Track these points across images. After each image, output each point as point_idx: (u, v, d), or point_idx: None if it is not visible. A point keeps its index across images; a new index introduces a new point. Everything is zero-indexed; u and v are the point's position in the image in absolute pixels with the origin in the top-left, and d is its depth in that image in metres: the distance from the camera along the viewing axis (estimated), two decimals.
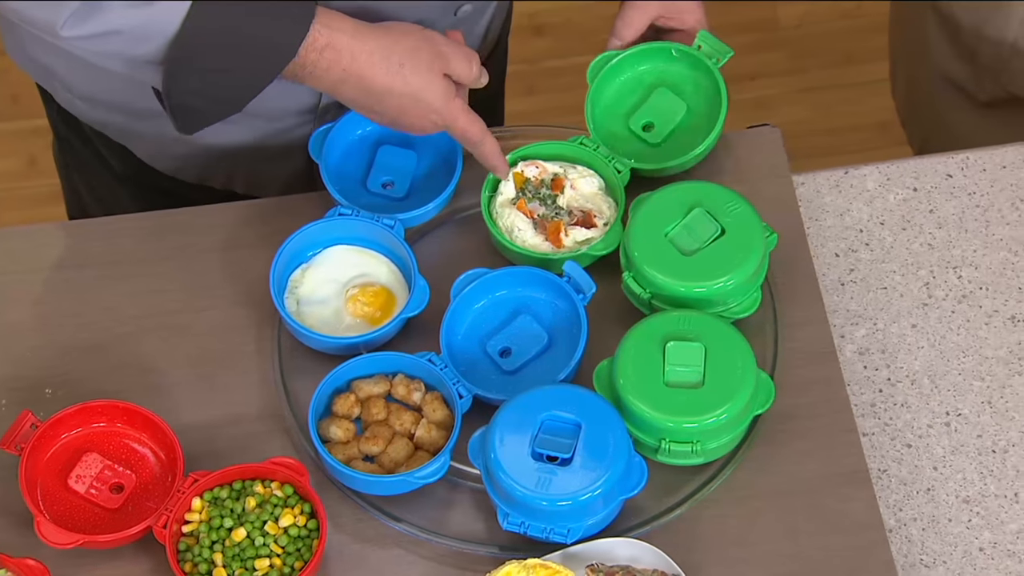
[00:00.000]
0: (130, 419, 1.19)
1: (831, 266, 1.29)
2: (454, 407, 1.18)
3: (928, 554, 1.18)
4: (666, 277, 1.18)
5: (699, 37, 1.29)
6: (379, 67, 1.15)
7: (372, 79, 1.16)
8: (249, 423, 1.21)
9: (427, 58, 1.17)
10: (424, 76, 1.17)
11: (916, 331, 1.27)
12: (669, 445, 1.15)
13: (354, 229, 1.25)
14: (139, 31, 1.11)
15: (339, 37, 1.14)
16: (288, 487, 1.16)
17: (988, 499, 1.20)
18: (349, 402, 1.20)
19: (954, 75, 1.50)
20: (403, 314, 1.22)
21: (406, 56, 1.16)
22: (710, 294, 1.19)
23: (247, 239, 1.28)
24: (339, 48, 1.14)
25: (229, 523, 1.15)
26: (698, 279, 1.18)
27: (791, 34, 2.19)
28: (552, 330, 1.22)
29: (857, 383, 1.24)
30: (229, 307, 1.25)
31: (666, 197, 1.21)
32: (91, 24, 1.10)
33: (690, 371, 1.15)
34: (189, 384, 1.23)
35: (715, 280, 1.18)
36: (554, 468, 1.13)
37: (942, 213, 1.32)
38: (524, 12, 2.25)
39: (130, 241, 1.28)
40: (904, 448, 1.22)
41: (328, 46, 1.14)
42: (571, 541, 1.13)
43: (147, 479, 1.19)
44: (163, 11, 1.10)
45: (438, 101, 1.18)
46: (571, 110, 1.34)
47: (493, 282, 1.23)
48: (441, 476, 1.16)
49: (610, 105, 1.31)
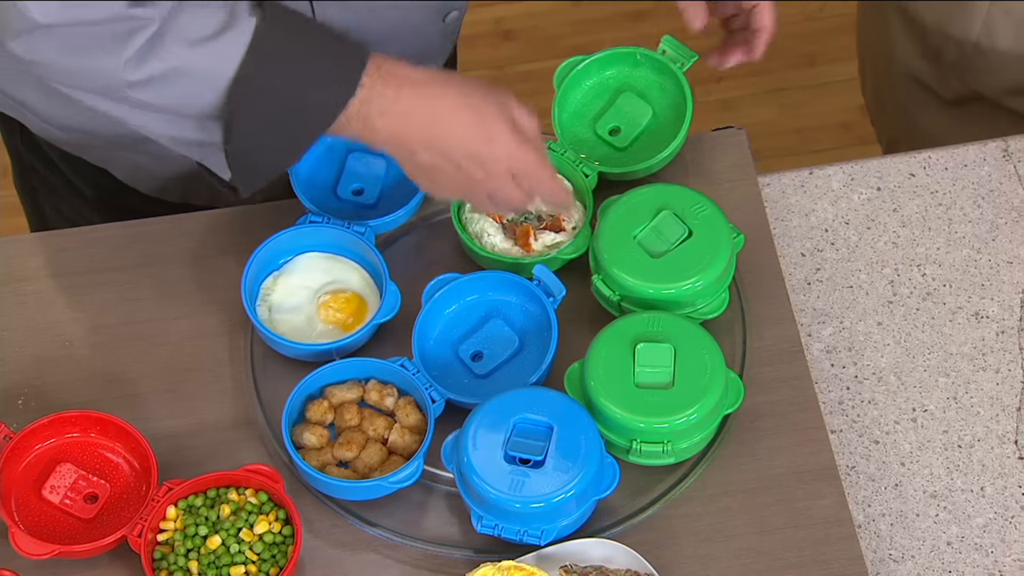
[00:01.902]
0: (103, 429, 1.19)
1: (797, 266, 1.30)
2: (427, 411, 1.19)
3: (897, 549, 1.19)
4: (635, 279, 1.19)
5: (664, 42, 1.30)
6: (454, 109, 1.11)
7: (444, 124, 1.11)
8: (223, 431, 1.22)
9: (496, 104, 1.13)
10: (497, 117, 1.12)
11: (882, 329, 1.28)
12: (640, 446, 1.16)
13: (325, 236, 1.26)
14: (200, 72, 1.08)
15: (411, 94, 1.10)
16: (263, 494, 1.17)
17: (955, 494, 1.21)
18: (322, 408, 1.20)
19: (920, 74, 1.51)
20: (375, 320, 1.22)
21: (478, 97, 1.12)
22: (679, 295, 1.20)
23: (218, 247, 1.28)
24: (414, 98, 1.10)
25: (204, 531, 1.15)
26: (666, 281, 1.19)
27: None
28: (523, 333, 1.23)
29: (825, 381, 1.26)
30: (201, 315, 1.26)
31: (634, 200, 1.22)
32: (155, 63, 1.06)
33: (660, 372, 1.16)
34: (162, 393, 1.23)
35: (683, 281, 1.19)
36: (527, 471, 1.13)
37: (906, 212, 1.33)
38: (491, 17, 2.26)
39: (101, 251, 1.28)
40: (872, 444, 1.23)
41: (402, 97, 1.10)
42: (545, 543, 1.14)
43: (121, 488, 1.19)
44: (221, 49, 1.07)
45: (512, 143, 1.12)
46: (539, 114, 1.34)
47: (464, 287, 1.23)
48: (415, 480, 1.16)
49: (577, 110, 1.31)
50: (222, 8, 1.09)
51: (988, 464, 1.22)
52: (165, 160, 1.34)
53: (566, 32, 2.26)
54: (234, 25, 1.08)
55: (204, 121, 1.11)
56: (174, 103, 1.10)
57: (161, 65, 1.07)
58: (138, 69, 1.07)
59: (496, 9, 2.26)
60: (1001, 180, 1.34)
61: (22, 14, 1.04)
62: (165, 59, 1.07)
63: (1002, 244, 1.31)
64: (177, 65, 1.07)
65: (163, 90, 1.09)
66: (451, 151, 1.12)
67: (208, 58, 1.08)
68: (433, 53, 1.32)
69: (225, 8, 1.09)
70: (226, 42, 1.08)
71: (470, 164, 1.13)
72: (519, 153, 1.13)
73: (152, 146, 1.17)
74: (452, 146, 1.12)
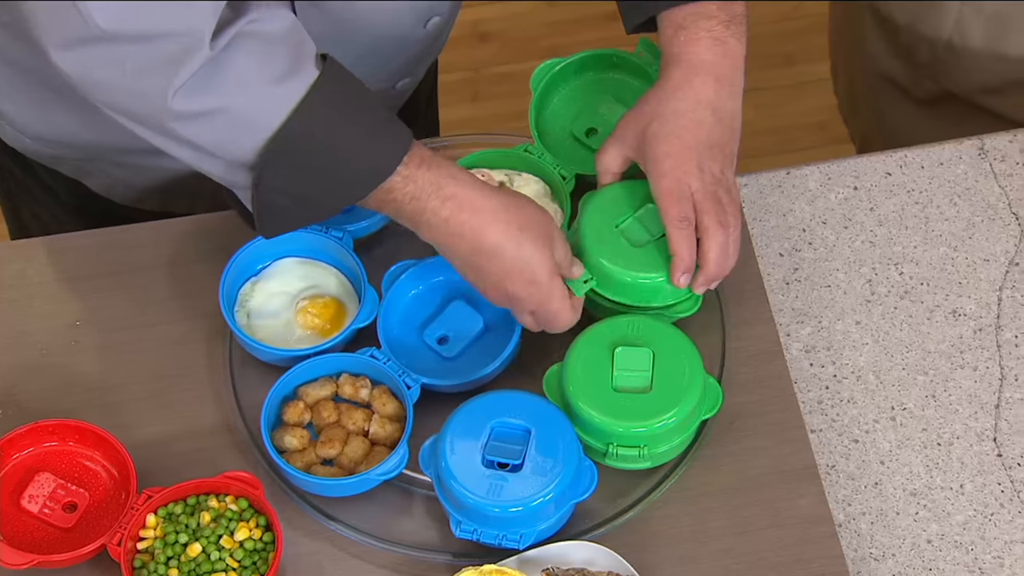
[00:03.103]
0: (82, 437, 1.19)
1: (776, 266, 1.31)
2: (403, 398, 1.18)
3: (877, 547, 1.20)
4: (613, 265, 1.19)
5: (640, 44, 1.30)
6: (498, 226, 1.10)
7: (487, 235, 1.10)
8: (202, 438, 1.21)
9: (543, 231, 1.12)
10: (538, 245, 1.11)
11: (860, 328, 1.28)
12: (617, 450, 1.16)
13: (303, 241, 1.25)
14: (248, 113, 1.03)
15: (461, 190, 1.09)
16: (243, 501, 1.16)
17: (935, 491, 1.21)
18: (298, 409, 1.20)
19: (892, 73, 1.51)
20: (353, 325, 1.22)
21: (525, 222, 1.12)
22: (654, 285, 1.19)
23: (195, 254, 1.28)
24: (460, 199, 1.09)
25: (184, 538, 1.14)
26: (645, 269, 1.19)
27: None
28: (488, 313, 1.22)
29: (804, 380, 1.26)
30: (179, 322, 1.25)
31: (619, 192, 1.22)
32: (204, 97, 1.01)
33: (638, 376, 1.16)
34: (140, 400, 1.22)
35: (660, 272, 1.19)
36: (505, 475, 1.13)
37: (882, 211, 1.33)
38: (468, 19, 2.25)
39: (77, 258, 1.28)
40: (851, 443, 1.24)
41: (452, 197, 1.09)
42: (524, 547, 1.14)
43: (100, 497, 1.18)
44: (277, 96, 1.04)
45: (544, 274, 1.12)
46: (516, 116, 1.34)
47: (423, 271, 1.23)
48: (403, 468, 1.16)
49: (554, 112, 1.31)
50: (287, 51, 1.03)
51: (967, 462, 1.22)
52: (143, 172, 1.33)
53: (543, 33, 2.26)
54: (296, 74, 1.03)
55: (235, 168, 1.07)
56: (210, 142, 1.05)
57: (210, 101, 1.02)
58: (187, 101, 1.02)
59: (472, 11, 2.26)
60: (977, 178, 1.34)
61: (82, 18, 0.97)
62: (217, 95, 1.02)
63: (978, 242, 1.31)
64: (226, 104, 1.02)
65: (208, 126, 1.04)
66: (484, 278, 1.13)
67: (259, 103, 1.03)
68: (415, 62, 1.32)
69: (290, 53, 1.04)
70: (282, 90, 1.03)
71: (499, 296, 1.14)
72: (547, 303, 1.14)
73: (131, 158, 1.16)
74: (486, 280, 1.13)
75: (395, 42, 1.25)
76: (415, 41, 1.26)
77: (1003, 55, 1.42)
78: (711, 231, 1.15)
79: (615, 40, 1.29)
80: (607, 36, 2.22)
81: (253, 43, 1.03)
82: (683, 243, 1.15)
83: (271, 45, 1.04)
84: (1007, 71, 1.43)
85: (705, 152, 1.14)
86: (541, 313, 1.15)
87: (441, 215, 1.10)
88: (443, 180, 1.10)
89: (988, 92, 1.46)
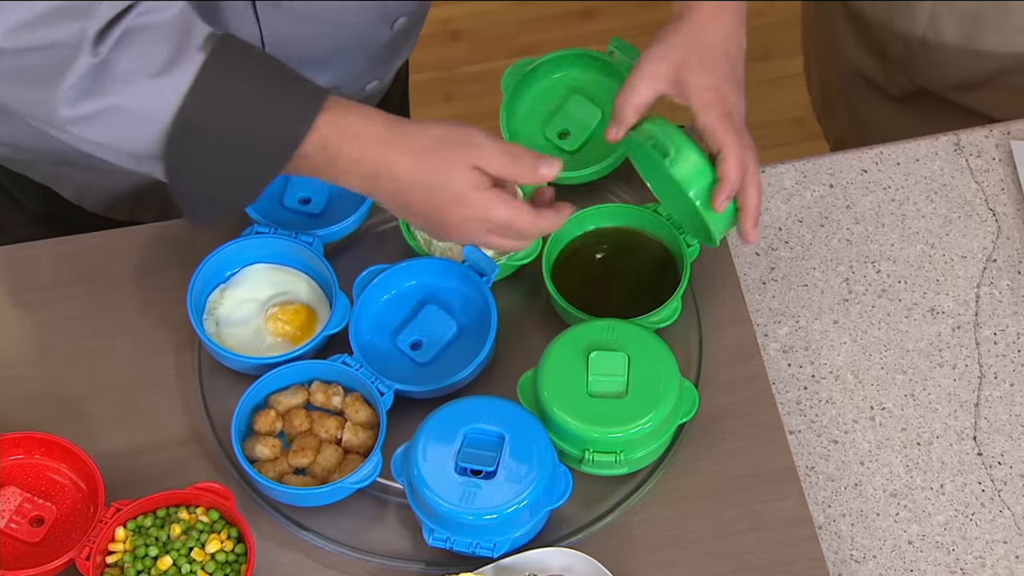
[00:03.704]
0: (48, 450, 1.17)
1: (752, 265, 1.30)
2: (376, 405, 1.17)
3: (858, 549, 1.19)
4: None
5: (612, 43, 1.29)
6: (405, 155, 1.06)
7: (398, 167, 1.06)
8: (172, 449, 1.20)
9: (457, 141, 1.07)
10: (452, 161, 1.06)
11: (838, 327, 1.27)
12: (593, 455, 1.15)
13: (272, 247, 1.24)
14: (140, 108, 1.03)
15: (366, 126, 1.06)
16: (214, 512, 1.15)
17: (915, 492, 1.21)
18: (269, 418, 1.18)
19: (865, 70, 1.51)
20: (325, 331, 1.21)
21: (436, 142, 1.07)
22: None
23: (162, 261, 1.26)
24: (365, 136, 1.06)
25: (154, 552, 1.13)
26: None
27: None
28: (461, 317, 1.21)
29: (782, 381, 1.25)
30: (146, 331, 1.24)
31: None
32: (93, 100, 1.02)
33: (613, 381, 1.15)
34: (108, 411, 1.21)
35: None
36: (478, 482, 1.12)
37: (859, 208, 1.32)
38: (438, 18, 2.24)
39: (40, 268, 1.26)
40: (831, 444, 1.23)
41: (357, 136, 1.06)
42: (498, 555, 1.13)
43: (68, 511, 1.17)
44: (161, 88, 1.03)
45: (465, 186, 1.07)
46: (490, 116, 1.33)
47: (394, 276, 1.22)
48: (376, 476, 1.15)
49: (526, 114, 1.30)
50: (171, 40, 1.03)
51: (947, 461, 1.22)
52: (113, 177, 1.31)
53: (514, 31, 2.25)
54: (180, 62, 1.03)
55: (144, 160, 1.07)
56: (111, 140, 1.06)
57: (99, 103, 1.03)
58: (75, 106, 1.03)
59: (443, 9, 2.25)
60: (953, 174, 1.34)
61: None
62: (104, 95, 1.02)
63: (956, 238, 1.31)
64: (116, 103, 1.03)
65: (102, 126, 1.04)
66: (418, 215, 1.09)
67: (147, 97, 1.03)
68: (383, 65, 1.30)
69: (173, 41, 1.03)
70: (168, 80, 1.03)
71: (447, 230, 1.10)
72: (490, 215, 1.09)
73: (98, 162, 1.15)
74: (415, 210, 1.09)
75: (360, 43, 1.23)
76: (382, 43, 1.24)
77: (977, 51, 1.42)
78: (752, 163, 1.15)
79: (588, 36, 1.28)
80: (579, 33, 2.21)
81: (139, 37, 1.03)
82: (737, 167, 1.13)
83: (155, 36, 1.04)
84: (981, 67, 1.43)
85: (735, 85, 1.16)
86: (496, 228, 1.10)
87: (352, 157, 1.07)
88: (349, 121, 1.07)
89: (962, 88, 1.46)
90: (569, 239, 1.24)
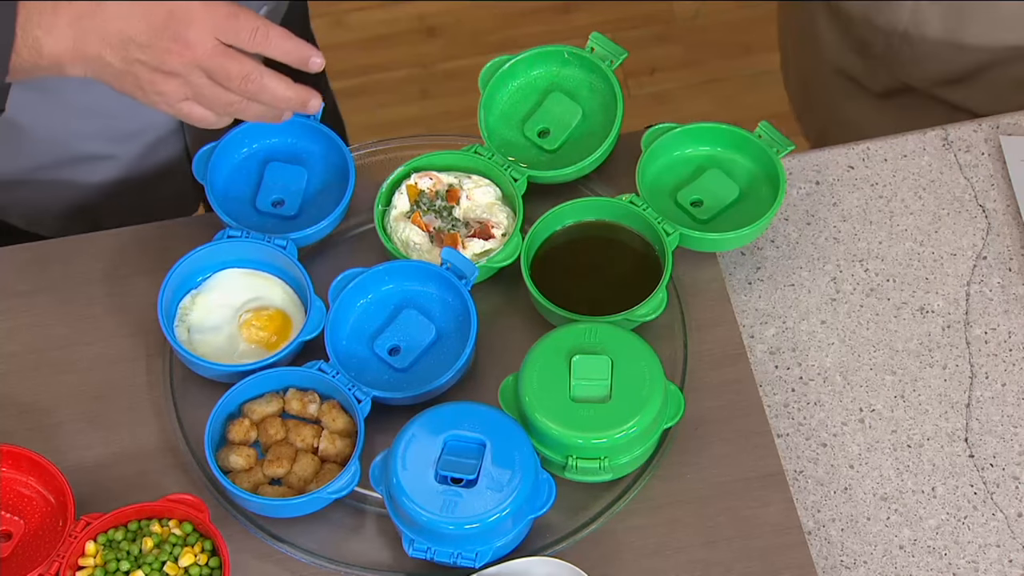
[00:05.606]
0: (15, 462, 1.14)
1: (738, 265, 1.28)
2: (354, 413, 1.15)
3: (848, 555, 1.17)
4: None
5: (592, 39, 1.27)
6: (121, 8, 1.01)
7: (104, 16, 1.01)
8: (143, 460, 1.17)
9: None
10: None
11: (826, 327, 1.25)
12: (577, 462, 1.13)
13: (245, 251, 1.22)
14: None
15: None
16: (187, 524, 1.13)
17: (906, 495, 1.19)
18: (244, 427, 1.16)
19: (847, 67, 1.50)
20: (300, 337, 1.18)
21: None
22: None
23: (131, 267, 1.24)
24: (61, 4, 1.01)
25: (126, 566, 1.11)
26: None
27: (688, 26, 2.18)
28: (439, 321, 1.19)
29: (769, 383, 1.23)
30: (115, 339, 1.21)
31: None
32: None
33: (597, 385, 1.13)
34: (77, 422, 1.18)
35: None
36: (459, 490, 1.10)
37: (846, 206, 1.30)
38: (414, 14, 2.23)
39: (5, 274, 1.24)
40: (820, 447, 1.21)
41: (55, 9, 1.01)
42: (480, 565, 1.11)
43: (37, 525, 1.14)
44: None
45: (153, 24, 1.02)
46: (469, 113, 1.31)
47: (371, 280, 1.19)
48: (355, 486, 1.13)
49: (504, 112, 1.28)
50: None
51: (939, 463, 1.20)
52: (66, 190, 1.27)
53: (492, 27, 2.24)
54: None
55: None
56: None
57: None
58: None
59: (419, 5, 2.23)
60: (942, 170, 1.32)
61: None
62: None
63: (945, 236, 1.29)
64: None
65: None
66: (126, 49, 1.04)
67: None
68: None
69: None
70: None
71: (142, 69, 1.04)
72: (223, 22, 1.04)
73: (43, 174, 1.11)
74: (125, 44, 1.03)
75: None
76: None
77: (961, 45, 1.41)
78: None
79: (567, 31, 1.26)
80: (558, 28, 2.20)
81: None
82: None
83: None
84: (965, 61, 1.42)
85: None
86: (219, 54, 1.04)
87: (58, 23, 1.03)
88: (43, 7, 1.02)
89: (946, 83, 1.44)
90: (547, 235, 1.21)
